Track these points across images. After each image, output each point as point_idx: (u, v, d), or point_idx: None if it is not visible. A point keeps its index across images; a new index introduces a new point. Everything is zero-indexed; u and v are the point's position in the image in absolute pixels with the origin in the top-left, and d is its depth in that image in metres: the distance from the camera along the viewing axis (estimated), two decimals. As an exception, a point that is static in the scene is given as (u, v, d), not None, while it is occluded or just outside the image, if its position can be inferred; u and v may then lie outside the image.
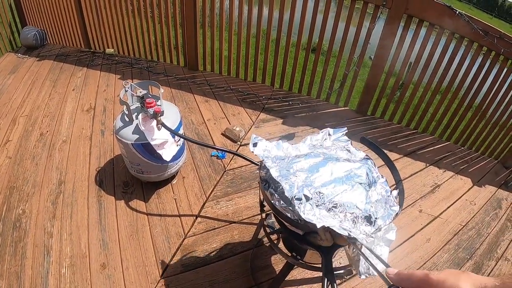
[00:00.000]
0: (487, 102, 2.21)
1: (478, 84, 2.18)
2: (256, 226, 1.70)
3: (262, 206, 1.20)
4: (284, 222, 0.87)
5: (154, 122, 1.46)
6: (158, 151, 1.51)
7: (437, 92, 2.38)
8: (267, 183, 0.86)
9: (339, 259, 1.55)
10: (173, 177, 1.94)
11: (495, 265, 1.55)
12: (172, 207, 1.78)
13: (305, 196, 0.77)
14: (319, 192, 0.78)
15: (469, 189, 1.98)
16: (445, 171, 2.15)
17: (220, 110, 2.58)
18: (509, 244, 1.67)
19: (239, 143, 2.26)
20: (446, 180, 2.05)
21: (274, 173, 0.83)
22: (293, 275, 1.50)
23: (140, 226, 1.67)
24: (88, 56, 3.42)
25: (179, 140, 1.68)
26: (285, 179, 0.81)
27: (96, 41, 3.46)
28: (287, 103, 2.72)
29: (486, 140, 2.31)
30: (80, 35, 3.46)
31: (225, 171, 2.03)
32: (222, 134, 2.32)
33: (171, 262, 1.53)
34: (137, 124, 1.48)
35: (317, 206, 0.76)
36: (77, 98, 2.68)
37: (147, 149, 1.55)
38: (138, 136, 1.51)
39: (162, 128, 1.48)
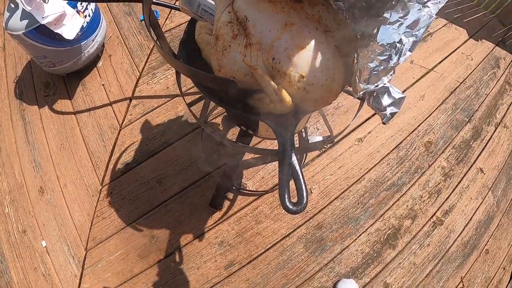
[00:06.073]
0: None
1: None
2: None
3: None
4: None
5: None
6: (56, 31, 1.16)
7: None
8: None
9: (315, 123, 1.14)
10: (97, 58, 1.39)
11: (494, 131, 1.40)
12: (101, 96, 1.31)
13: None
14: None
15: (465, 41, 1.66)
16: (437, 17, 1.75)
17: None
18: (507, 109, 1.48)
19: (177, -5, 1.52)
20: (439, 29, 1.69)
21: None
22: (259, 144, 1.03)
23: (69, 130, 1.29)
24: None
25: (85, 8, 1.27)
26: None
27: None
28: None
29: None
30: None
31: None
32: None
33: (110, 164, 1.18)
34: (23, 8, 1.13)
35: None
36: (-14, 8, 2.10)
37: (43, 33, 1.19)
38: (27, 21, 1.16)
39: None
